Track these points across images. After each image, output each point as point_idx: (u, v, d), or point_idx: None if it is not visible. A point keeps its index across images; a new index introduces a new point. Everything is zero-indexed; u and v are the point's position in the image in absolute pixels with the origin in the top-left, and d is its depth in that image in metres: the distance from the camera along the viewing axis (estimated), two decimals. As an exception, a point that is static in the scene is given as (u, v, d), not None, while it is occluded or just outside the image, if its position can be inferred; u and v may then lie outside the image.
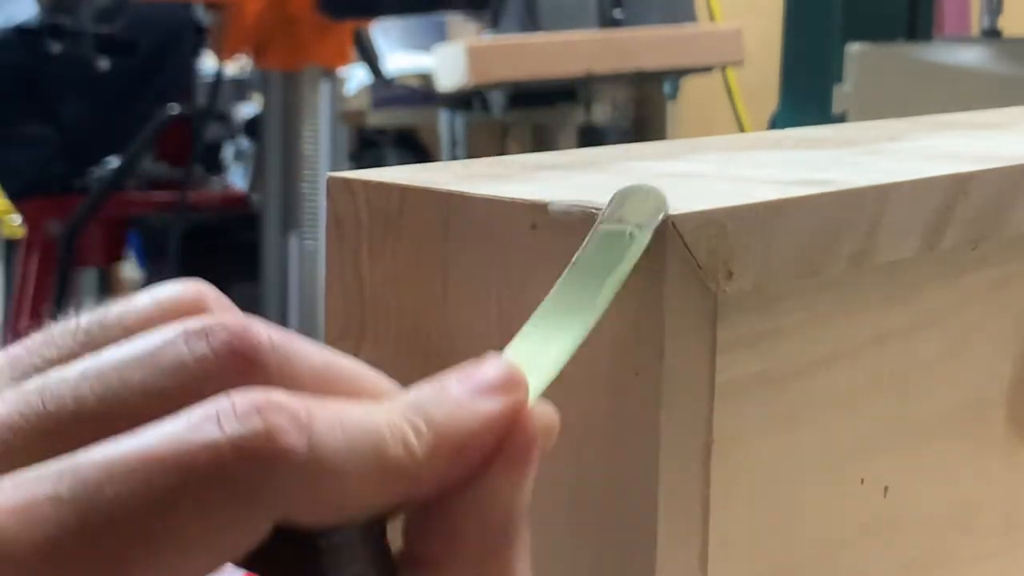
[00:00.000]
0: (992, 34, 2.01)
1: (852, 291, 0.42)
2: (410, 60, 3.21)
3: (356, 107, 3.01)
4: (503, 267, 0.38)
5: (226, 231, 2.52)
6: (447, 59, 2.77)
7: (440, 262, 0.40)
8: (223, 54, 2.37)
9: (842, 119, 1.73)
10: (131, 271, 2.68)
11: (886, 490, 0.44)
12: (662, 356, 0.36)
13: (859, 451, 0.43)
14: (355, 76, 2.91)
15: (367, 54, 2.62)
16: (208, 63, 2.73)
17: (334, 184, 0.42)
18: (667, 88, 3.21)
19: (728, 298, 0.37)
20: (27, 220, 2.46)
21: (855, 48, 1.81)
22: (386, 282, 0.41)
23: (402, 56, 3.23)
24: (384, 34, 3.10)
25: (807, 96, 2.06)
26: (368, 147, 3.04)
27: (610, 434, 0.37)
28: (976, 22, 2.74)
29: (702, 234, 0.36)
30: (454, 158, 2.64)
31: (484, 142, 3.08)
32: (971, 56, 1.84)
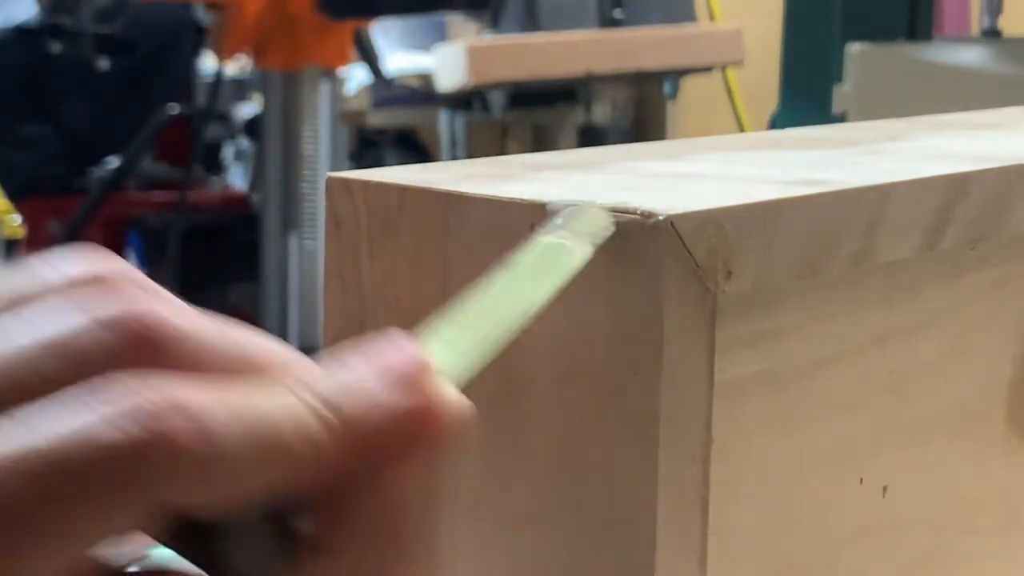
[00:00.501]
0: (992, 34, 2.01)
1: (852, 291, 0.42)
2: (410, 60, 3.21)
3: (356, 107, 3.01)
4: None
5: (226, 231, 2.52)
6: (447, 59, 2.77)
7: (440, 262, 0.40)
8: (223, 54, 2.37)
9: (842, 119, 1.73)
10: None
11: (886, 490, 0.44)
12: (661, 356, 0.36)
13: (859, 451, 0.43)
14: (355, 76, 2.91)
15: (367, 54, 2.62)
16: (208, 63, 2.73)
17: (334, 184, 0.42)
18: (667, 88, 3.21)
19: (728, 298, 0.37)
20: (27, 220, 2.46)
21: (855, 48, 1.81)
22: (386, 282, 0.41)
23: (402, 56, 3.23)
24: (384, 34, 3.10)
25: (807, 96, 2.06)
26: (368, 147, 3.04)
27: (610, 434, 0.37)
28: (976, 22, 2.74)
29: (701, 234, 0.36)
30: (454, 158, 2.64)
31: (484, 142, 3.08)
32: (971, 56, 1.84)
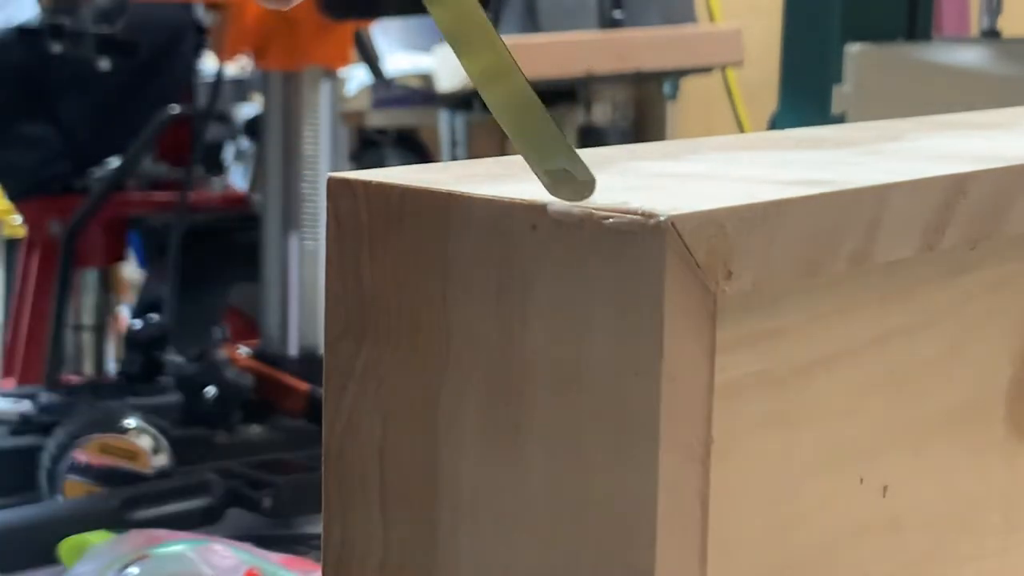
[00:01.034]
0: (992, 34, 2.01)
1: (852, 291, 0.42)
2: (410, 60, 3.21)
3: (356, 107, 3.00)
4: (503, 267, 0.38)
5: (226, 231, 2.51)
6: (447, 59, 2.77)
7: (440, 262, 0.40)
8: (224, 54, 2.37)
9: (842, 119, 1.73)
10: (131, 271, 2.68)
11: (886, 490, 0.45)
12: (662, 356, 0.36)
13: (859, 451, 0.43)
14: (355, 76, 2.90)
15: (367, 54, 2.62)
16: (209, 63, 2.73)
17: (334, 184, 0.42)
18: (667, 88, 3.20)
19: (728, 298, 0.37)
20: (28, 220, 2.46)
21: (855, 48, 1.81)
22: (386, 282, 0.41)
23: (402, 56, 3.23)
24: (384, 34, 3.09)
25: (807, 96, 2.06)
26: (368, 147, 3.04)
27: (610, 434, 0.37)
28: (976, 22, 2.74)
29: (701, 234, 0.36)
30: (454, 158, 2.63)
31: (484, 142, 3.08)
32: (971, 56, 1.84)
